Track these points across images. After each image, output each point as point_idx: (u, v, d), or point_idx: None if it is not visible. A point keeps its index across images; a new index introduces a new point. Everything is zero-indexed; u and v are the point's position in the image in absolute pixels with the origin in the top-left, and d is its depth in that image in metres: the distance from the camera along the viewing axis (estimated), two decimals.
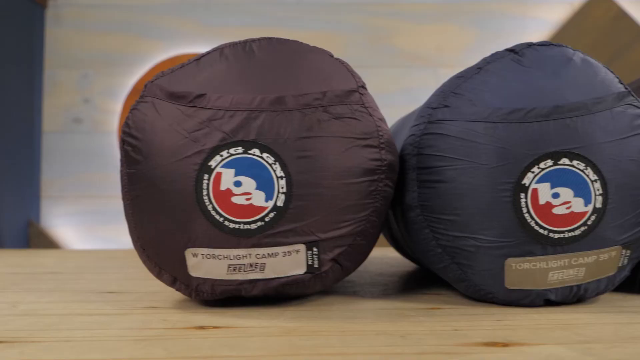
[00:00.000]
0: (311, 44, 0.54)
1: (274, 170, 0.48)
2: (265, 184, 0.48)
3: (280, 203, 0.48)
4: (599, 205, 0.50)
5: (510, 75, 0.53)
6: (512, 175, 0.49)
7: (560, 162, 0.49)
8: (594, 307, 0.52)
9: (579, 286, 0.51)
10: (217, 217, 0.48)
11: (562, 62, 0.53)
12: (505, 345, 0.39)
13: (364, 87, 0.53)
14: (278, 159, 0.48)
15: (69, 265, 0.93)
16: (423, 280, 0.69)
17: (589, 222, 0.50)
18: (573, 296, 0.52)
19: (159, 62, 1.71)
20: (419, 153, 0.53)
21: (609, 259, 0.51)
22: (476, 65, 0.55)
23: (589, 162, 0.49)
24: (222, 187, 0.48)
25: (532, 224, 0.50)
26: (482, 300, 0.54)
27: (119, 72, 1.71)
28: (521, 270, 0.50)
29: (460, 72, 0.56)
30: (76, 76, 1.70)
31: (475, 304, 0.54)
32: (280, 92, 0.49)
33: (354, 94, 0.51)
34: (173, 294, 0.59)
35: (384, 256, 1.01)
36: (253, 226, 0.48)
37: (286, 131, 0.48)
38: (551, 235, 0.50)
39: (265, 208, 0.48)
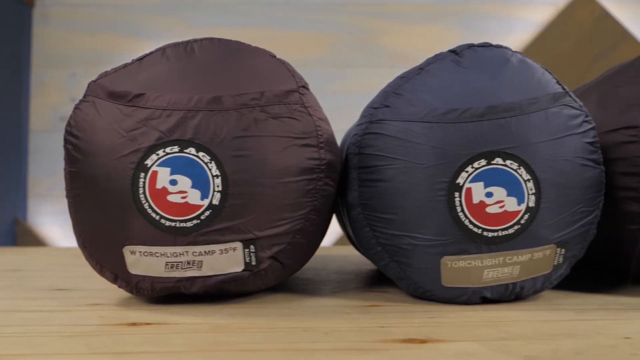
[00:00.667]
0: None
1: (210, 169, 0.49)
2: (200, 183, 0.49)
3: (215, 201, 0.49)
4: (532, 204, 0.50)
5: (449, 76, 0.53)
6: (446, 174, 0.50)
7: (494, 161, 0.50)
8: (531, 305, 0.53)
9: (514, 284, 0.52)
10: (154, 215, 0.49)
11: (499, 63, 0.54)
12: (423, 342, 0.40)
13: (305, 87, 0.54)
14: (214, 157, 0.49)
15: (38, 262, 0.94)
16: (376, 278, 0.70)
17: (522, 221, 0.50)
18: (509, 294, 0.52)
19: None
20: (360, 152, 0.53)
21: (544, 258, 0.52)
22: (419, 65, 0.56)
23: (522, 162, 0.50)
24: (158, 186, 0.49)
25: (466, 222, 0.50)
26: (422, 297, 0.54)
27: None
28: (457, 269, 0.51)
29: (404, 73, 0.56)
30: (64, 75, 1.71)
31: (417, 302, 0.54)
32: (218, 92, 0.50)
33: (294, 94, 0.52)
34: (121, 292, 0.59)
35: (349, 254, 1.01)
36: (189, 224, 0.49)
37: (223, 130, 0.49)
38: (485, 233, 0.50)
39: (200, 206, 0.49)
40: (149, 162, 0.49)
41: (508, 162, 0.50)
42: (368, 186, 0.53)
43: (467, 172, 0.50)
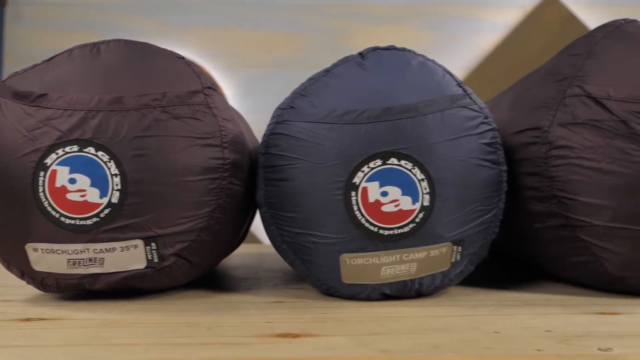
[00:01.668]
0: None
1: (109, 168, 0.50)
2: (99, 182, 0.50)
3: (115, 200, 0.50)
4: (426, 203, 0.52)
5: (352, 78, 0.55)
6: (343, 174, 0.51)
7: (389, 161, 0.51)
8: (429, 301, 0.54)
9: (412, 281, 0.53)
10: (54, 213, 0.50)
11: (400, 66, 0.55)
12: (295, 336, 0.41)
13: (211, 88, 0.55)
14: (113, 157, 0.50)
15: None
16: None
17: (417, 220, 0.52)
18: (409, 290, 0.54)
19: None
20: (266, 152, 0.55)
21: (440, 255, 0.53)
22: (326, 68, 0.57)
23: (416, 162, 0.51)
24: (57, 184, 0.50)
25: (363, 221, 0.52)
26: (327, 294, 0.56)
27: None
28: (355, 266, 0.52)
29: (314, 74, 0.58)
30: None
31: (321, 298, 0.55)
32: (120, 93, 0.51)
33: (198, 95, 0.53)
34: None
35: None
36: (89, 222, 0.50)
37: (123, 130, 0.50)
38: (381, 232, 0.52)
39: (99, 205, 0.50)
40: (48, 161, 0.50)
41: (403, 162, 0.51)
42: (273, 185, 0.54)
43: (363, 171, 0.51)
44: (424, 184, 0.52)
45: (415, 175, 0.52)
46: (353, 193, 0.51)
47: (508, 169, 0.57)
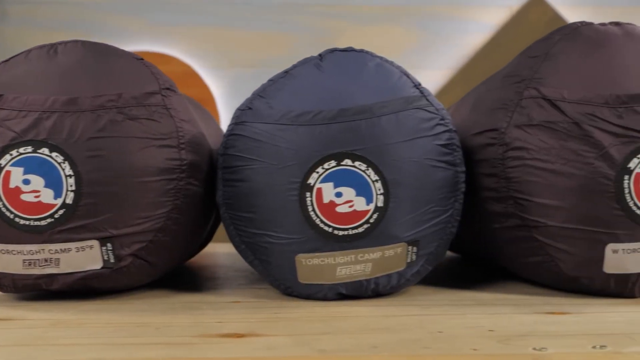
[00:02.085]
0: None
1: (63, 169, 0.50)
2: (53, 182, 0.50)
3: (69, 200, 0.50)
4: (380, 204, 0.52)
5: (309, 80, 0.55)
6: (298, 175, 0.52)
7: (343, 162, 0.52)
8: (386, 301, 0.54)
9: (368, 280, 0.54)
10: (8, 214, 0.50)
11: (357, 67, 0.55)
12: (240, 336, 0.41)
13: (170, 89, 0.55)
14: (67, 158, 0.50)
15: None
16: None
17: (372, 220, 0.52)
18: (365, 290, 0.54)
19: None
20: (224, 153, 0.55)
21: (395, 255, 0.53)
22: (286, 69, 0.57)
23: (370, 163, 0.52)
24: (12, 185, 0.50)
25: (318, 221, 0.52)
26: (285, 294, 0.56)
27: None
28: (311, 266, 0.53)
29: (273, 76, 0.58)
30: None
31: (280, 298, 0.56)
32: (75, 94, 0.51)
33: (155, 96, 0.53)
34: None
35: None
36: (43, 223, 0.50)
37: (77, 131, 0.50)
38: (336, 232, 0.52)
39: (54, 205, 0.50)
40: (2, 162, 0.50)
41: (357, 163, 0.52)
42: (230, 186, 0.54)
43: (317, 172, 0.52)
44: (378, 184, 0.52)
45: (369, 176, 0.52)
46: (308, 194, 0.52)
47: (468, 169, 0.58)
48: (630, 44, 0.57)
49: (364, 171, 0.52)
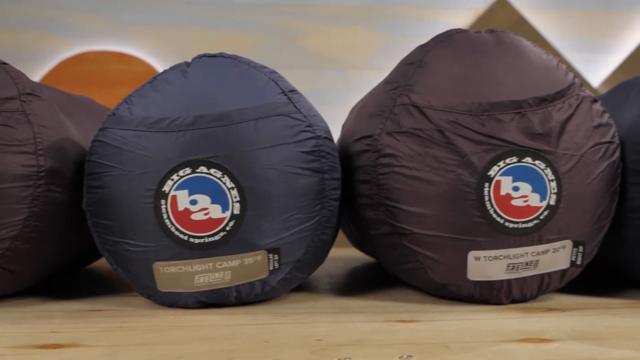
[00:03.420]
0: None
1: None
2: None
3: None
4: (237, 211, 0.52)
5: (172, 86, 0.55)
6: (153, 182, 0.52)
7: (199, 170, 0.52)
8: (246, 309, 0.54)
9: (229, 289, 0.54)
10: None
11: (221, 73, 0.55)
12: (57, 347, 0.41)
13: (32, 94, 0.54)
14: None
15: None
16: None
17: (228, 228, 0.52)
18: (227, 298, 0.54)
19: (64, 59, 1.71)
20: (88, 160, 0.55)
21: (256, 263, 0.53)
22: (155, 75, 0.57)
23: (226, 171, 0.52)
24: None
25: (173, 229, 0.52)
26: (153, 302, 0.56)
27: (25, 69, 1.69)
28: (169, 274, 0.53)
29: (145, 82, 0.57)
30: None
31: (147, 306, 0.55)
32: None
33: (12, 102, 0.53)
34: None
35: None
36: None
37: None
38: (192, 240, 0.52)
39: None
40: None
41: (212, 171, 0.52)
42: (92, 192, 0.54)
43: (172, 180, 0.52)
44: (234, 192, 0.52)
45: (224, 183, 0.52)
46: (163, 201, 0.52)
47: (349, 176, 0.58)
48: (499, 52, 0.57)
49: (219, 178, 0.52)
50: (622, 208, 0.58)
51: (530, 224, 0.54)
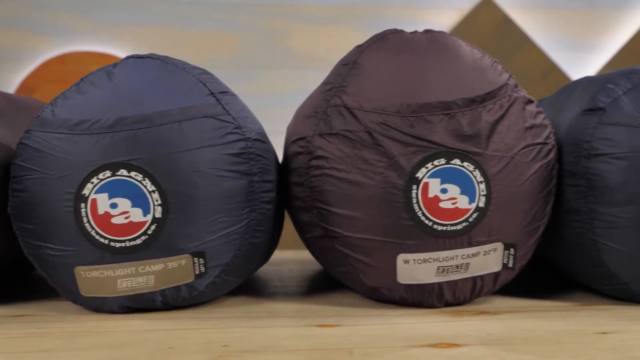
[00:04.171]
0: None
1: None
2: None
3: None
4: (158, 215, 0.51)
5: (96, 88, 0.54)
6: (73, 185, 0.51)
7: (119, 173, 0.51)
8: (171, 314, 0.53)
9: (153, 293, 0.53)
10: None
11: (147, 75, 0.54)
12: None
13: None
14: None
15: None
16: None
17: (150, 232, 0.51)
18: (153, 302, 0.53)
19: (46, 60, 1.70)
20: (13, 163, 0.54)
21: (180, 267, 0.52)
22: (83, 76, 0.56)
23: (146, 174, 0.51)
24: None
25: (93, 233, 0.51)
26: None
27: (8, 69, 1.69)
28: (91, 278, 0.52)
29: (73, 84, 0.57)
30: None
31: (78, 312, 0.54)
32: None
33: None
34: None
35: None
36: None
37: None
38: (112, 244, 0.51)
39: None
40: None
41: (133, 174, 0.51)
42: (15, 196, 0.53)
43: (92, 183, 0.51)
44: (155, 195, 0.51)
45: (145, 187, 0.51)
46: (83, 205, 0.51)
47: (286, 178, 0.57)
48: (431, 52, 0.56)
49: (140, 182, 0.51)
50: (559, 209, 0.57)
51: (459, 227, 0.53)
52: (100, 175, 0.51)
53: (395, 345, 0.41)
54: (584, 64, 1.72)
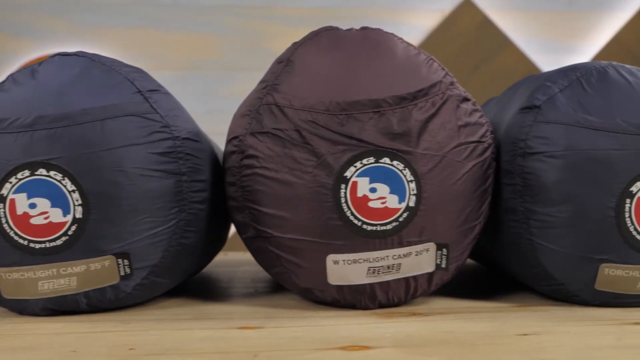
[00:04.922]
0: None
1: None
2: None
3: None
4: (79, 215, 0.50)
5: (19, 86, 0.53)
6: None
7: (38, 172, 0.50)
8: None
9: (76, 295, 0.51)
10: None
11: (72, 73, 0.53)
12: None
13: None
14: None
15: None
16: None
17: (70, 232, 0.50)
18: (77, 305, 0.52)
19: (27, 62, 1.69)
20: None
21: (104, 268, 0.51)
22: (8, 75, 0.55)
23: (66, 173, 0.50)
24: None
25: (12, 234, 0.50)
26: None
27: None
28: (12, 280, 0.51)
29: None
30: None
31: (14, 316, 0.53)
32: None
33: None
34: None
35: None
36: None
37: None
38: (32, 245, 0.50)
39: None
40: None
41: (52, 173, 0.50)
42: None
43: (10, 183, 0.50)
44: (76, 195, 0.50)
45: (65, 186, 0.50)
46: (1, 205, 0.50)
47: (222, 178, 0.56)
48: (363, 49, 0.55)
49: (59, 181, 0.50)
50: (498, 209, 0.56)
51: (389, 226, 0.52)
52: (19, 175, 0.50)
53: (305, 348, 0.40)
54: (563, 65, 1.71)
